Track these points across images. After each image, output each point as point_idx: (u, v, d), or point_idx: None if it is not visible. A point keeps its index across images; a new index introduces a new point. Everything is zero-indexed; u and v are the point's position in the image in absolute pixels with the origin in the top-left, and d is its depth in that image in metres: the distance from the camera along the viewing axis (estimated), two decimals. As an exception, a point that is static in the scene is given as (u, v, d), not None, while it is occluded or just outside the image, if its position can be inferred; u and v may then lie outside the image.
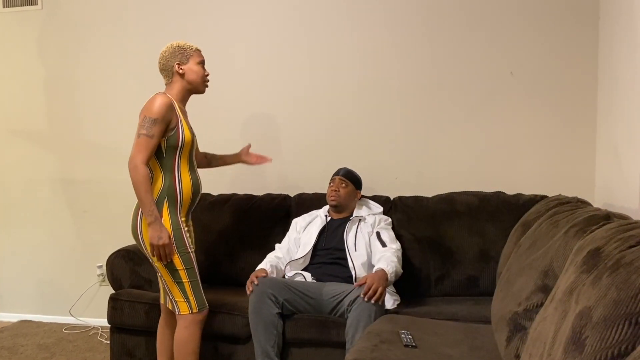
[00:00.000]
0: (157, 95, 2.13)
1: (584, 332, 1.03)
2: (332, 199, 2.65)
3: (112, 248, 2.83)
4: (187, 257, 2.15)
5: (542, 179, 2.91)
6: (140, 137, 2.06)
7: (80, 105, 3.46)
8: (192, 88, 2.26)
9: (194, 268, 2.17)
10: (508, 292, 1.75)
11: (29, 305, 3.60)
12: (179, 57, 2.21)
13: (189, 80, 2.23)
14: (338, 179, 2.68)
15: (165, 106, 2.08)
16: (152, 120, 2.06)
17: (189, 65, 2.22)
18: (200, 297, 2.19)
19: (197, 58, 2.25)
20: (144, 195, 2.05)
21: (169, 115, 2.10)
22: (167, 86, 2.26)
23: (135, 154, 2.06)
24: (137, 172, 2.05)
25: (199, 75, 2.25)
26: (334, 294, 2.35)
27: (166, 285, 2.17)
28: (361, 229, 2.59)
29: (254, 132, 3.23)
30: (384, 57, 3.06)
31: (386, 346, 1.78)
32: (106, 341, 3.10)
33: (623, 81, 2.45)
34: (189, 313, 2.16)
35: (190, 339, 2.17)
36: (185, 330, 2.17)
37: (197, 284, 2.19)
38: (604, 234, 1.29)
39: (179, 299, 2.15)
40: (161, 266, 2.13)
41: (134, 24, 3.36)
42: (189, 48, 2.24)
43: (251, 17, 3.21)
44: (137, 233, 2.13)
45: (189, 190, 2.20)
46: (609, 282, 1.07)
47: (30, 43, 3.51)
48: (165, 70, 2.23)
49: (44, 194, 3.54)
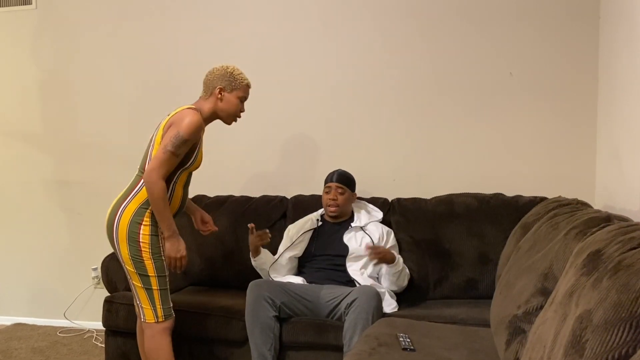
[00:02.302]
0: (192, 111, 2.08)
1: (584, 336, 1.02)
2: (332, 210, 2.64)
3: (107, 250, 2.78)
4: (160, 264, 2.11)
5: (542, 180, 2.89)
6: (166, 153, 2.02)
7: (75, 105, 3.45)
8: (221, 116, 2.22)
9: (165, 276, 2.13)
10: (507, 294, 1.75)
11: (23, 308, 3.58)
12: (226, 83, 2.18)
13: (222, 108, 2.20)
14: (335, 187, 2.65)
15: (198, 128, 2.05)
16: (183, 139, 2.03)
17: (230, 96, 2.19)
18: (168, 306, 2.14)
19: (241, 93, 2.21)
20: (163, 210, 2.04)
21: (198, 137, 2.09)
22: (201, 99, 2.22)
23: (157, 168, 2.02)
24: (157, 187, 2.02)
25: (234, 109, 2.21)
26: (332, 297, 2.35)
27: (134, 290, 2.12)
28: (363, 237, 2.58)
29: (250, 133, 3.21)
30: (382, 57, 3.05)
31: (384, 349, 1.77)
32: (101, 344, 3.08)
33: (624, 81, 2.44)
34: (155, 322, 2.11)
35: (159, 347, 2.12)
36: (152, 340, 2.12)
37: (166, 293, 2.14)
38: (604, 236, 1.29)
39: (145, 306, 2.11)
40: (132, 270, 2.09)
41: (129, 23, 3.35)
42: (240, 80, 2.20)
43: (247, 18, 3.19)
44: (112, 231, 2.09)
45: (175, 205, 2.18)
46: (609, 284, 1.07)
47: (24, 43, 3.49)
48: (207, 86, 2.20)
49: (38, 195, 3.52)
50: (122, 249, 2.08)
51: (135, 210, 2.08)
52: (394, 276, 2.46)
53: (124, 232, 2.07)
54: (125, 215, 2.08)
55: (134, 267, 2.08)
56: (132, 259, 2.07)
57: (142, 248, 2.07)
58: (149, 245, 2.08)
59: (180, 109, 2.12)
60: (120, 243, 2.08)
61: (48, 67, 3.47)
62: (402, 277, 2.50)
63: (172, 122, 2.07)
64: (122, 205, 2.10)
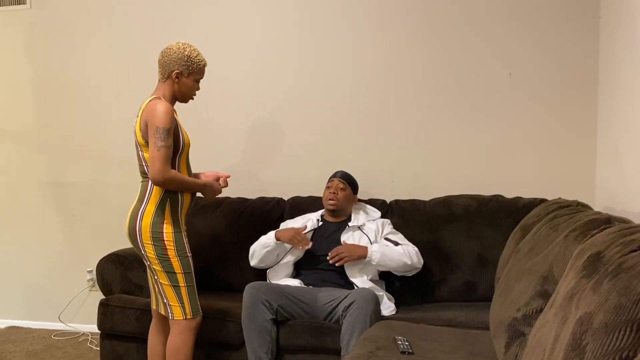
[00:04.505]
0: (157, 102, 2.11)
1: (585, 339, 1.03)
2: (331, 204, 2.62)
3: (102, 252, 2.80)
4: (186, 262, 2.17)
5: (542, 181, 2.88)
6: (161, 150, 2.05)
7: (70, 106, 3.43)
8: (178, 97, 2.26)
9: (191, 273, 2.18)
10: (507, 297, 1.74)
11: (17, 311, 3.56)
12: (183, 68, 2.19)
13: (179, 90, 2.23)
14: (337, 181, 2.65)
15: (170, 113, 2.09)
16: (166, 130, 2.06)
17: (187, 80, 2.22)
18: (195, 303, 2.19)
19: (198, 75, 2.24)
20: (191, 186, 2.19)
21: (174, 122, 2.12)
22: (159, 83, 2.24)
23: (161, 167, 2.05)
24: (173, 181, 2.10)
25: (190, 91, 2.25)
26: (329, 299, 2.34)
27: (162, 288, 2.16)
28: (361, 237, 2.55)
29: (248, 135, 3.20)
30: (380, 58, 3.03)
31: (382, 353, 1.77)
32: (96, 347, 3.06)
33: (624, 82, 2.43)
34: (183, 319, 2.16)
35: (183, 344, 2.17)
36: (179, 336, 2.17)
37: (193, 290, 2.19)
38: (604, 238, 1.29)
39: (174, 304, 2.15)
40: (159, 269, 2.13)
41: (124, 23, 3.33)
42: (197, 63, 2.21)
43: (246, 19, 3.18)
44: (136, 235, 2.14)
45: (188, 193, 2.23)
46: (609, 287, 1.07)
47: (18, 43, 3.47)
48: (163, 68, 2.21)
49: (32, 197, 3.50)
50: (147, 250, 2.13)
51: (155, 211, 2.13)
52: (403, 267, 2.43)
53: (147, 234, 2.12)
54: (146, 217, 2.13)
55: (161, 266, 2.13)
56: (158, 258, 2.12)
57: (167, 246, 2.12)
58: (173, 242, 2.13)
59: (145, 104, 2.14)
60: (145, 245, 2.13)
61: (42, 67, 3.45)
62: (409, 257, 2.43)
63: (146, 120, 2.10)
64: (141, 210, 2.14)
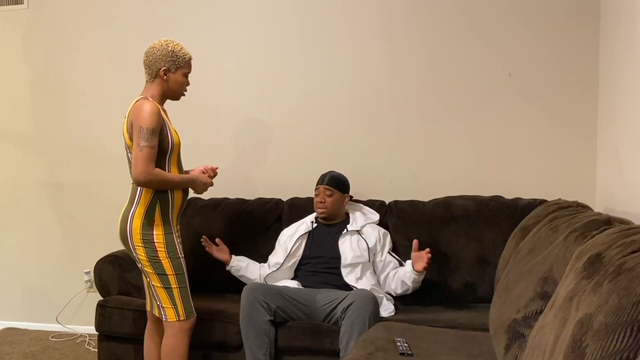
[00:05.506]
0: (143, 102, 2.10)
1: (585, 340, 1.03)
2: (321, 212, 2.63)
3: (100, 254, 2.78)
4: (178, 263, 2.15)
5: (542, 182, 2.87)
6: (143, 150, 2.04)
7: (67, 106, 3.42)
8: (169, 95, 2.25)
9: (184, 274, 2.17)
10: (506, 298, 1.74)
11: (14, 313, 3.54)
12: (169, 64, 2.18)
13: (169, 88, 2.22)
14: (322, 189, 2.63)
15: (156, 114, 2.07)
16: (150, 130, 2.05)
17: (175, 76, 2.21)
18: (189, 305, 2.18)
19: (185, 69, 2.23)
20: (177, 183, 2.16)
21: (160, 122, 2.11)
22: (147, 84, 2.23)
23: (142, 168, 2.04)
24: (157, 178, 2.08)
25: (180, 87, 2.24)
26: (328, 301, 2.33)
27: (154, 291, 2.16)
28: (359, 241, 2.55)
29: (246, 136, 3.19)
30: (379, 59, 3.02)
31: (381, 354, 1.77)
32: (94, 349, 3.05)
33: (624, 82, 2.43)
34: (176, 320, 2.15)
35: (177, 346, 2.16)
36: (173, 337, 2.16)
37: (186, 291, 2.18)
38: (605, 239, 1.29)
39: (167, 305, 2.15)
40: (150, 271, 2.13)
41: (122, 23, 3.32)
42: (182, 57, 2.20)
43: (243, 20, 3.17)
44: (127, 237, 2.13)
45: (179, 194, 2.21)
46: (610, 288, 1.07)
47: (15, 43, 3.46)
48: (149, 68, 2.20)
49: (29, 198, 3.49)
50: (138, 252, 2.12)
51: (144, 213, 2.13)
52: (416, 282, 2.44)
53: (137, 236, 2.11)
54: (136, 220, 2.12)
55: (152, 268, 2.12)
56: (149, 260, 2.12)
57: (157, 248, 2.12)
58: (164, 244, 2.12)
59: (132, 105, 2.14)
60: (136, 247, 2.13)
61: (40, 67, 3.44)
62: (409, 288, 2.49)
63: (132, 120, 2.09)
64: (131, 213, 2.14)
